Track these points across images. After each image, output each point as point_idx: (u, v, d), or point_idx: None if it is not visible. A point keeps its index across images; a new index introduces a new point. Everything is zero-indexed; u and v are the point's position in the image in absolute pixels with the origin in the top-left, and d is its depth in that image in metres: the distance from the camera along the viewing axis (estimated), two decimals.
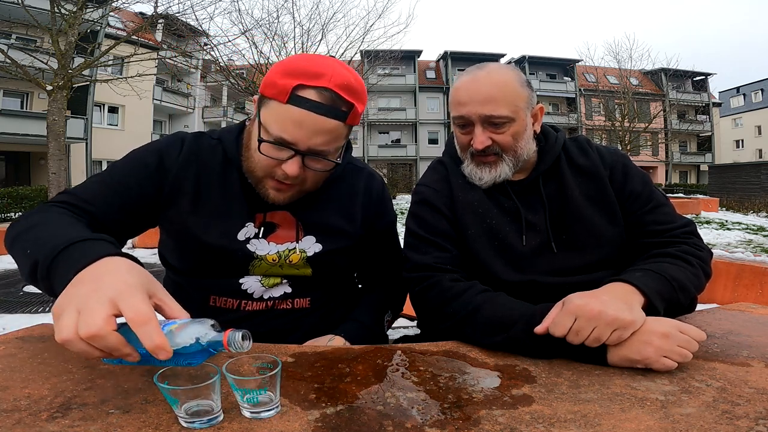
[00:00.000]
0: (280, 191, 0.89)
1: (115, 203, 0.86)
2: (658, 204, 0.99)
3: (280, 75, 0.82)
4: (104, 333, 0.52)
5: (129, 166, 0.91)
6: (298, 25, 14.20)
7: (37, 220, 0.76)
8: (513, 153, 0.96)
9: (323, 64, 0.83)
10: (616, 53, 32.65)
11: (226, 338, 0.54)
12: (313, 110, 0.80)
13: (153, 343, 0.51)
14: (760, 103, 37.39)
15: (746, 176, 18.95)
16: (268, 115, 0.83)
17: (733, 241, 8.64)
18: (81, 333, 0.52)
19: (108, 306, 0.53)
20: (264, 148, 0.83)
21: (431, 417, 0.54)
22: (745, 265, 4.08)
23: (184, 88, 24.45)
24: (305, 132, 0.81)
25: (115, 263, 0.61)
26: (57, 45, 8.83)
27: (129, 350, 0.54)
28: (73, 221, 0.77)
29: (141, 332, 0.52)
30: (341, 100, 0.82)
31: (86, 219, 0.82)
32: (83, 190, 0.87)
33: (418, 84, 32.27)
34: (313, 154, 0.84)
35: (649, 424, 0.52)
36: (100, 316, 0.52)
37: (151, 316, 0.53)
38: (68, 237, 0.66)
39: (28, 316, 3.99)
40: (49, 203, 0.83)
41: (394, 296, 1.10)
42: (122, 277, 0.58)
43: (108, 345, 0.53)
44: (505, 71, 0.95)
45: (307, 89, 0.81)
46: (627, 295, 0.77)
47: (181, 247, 0.93)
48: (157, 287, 0.60)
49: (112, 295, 0.54)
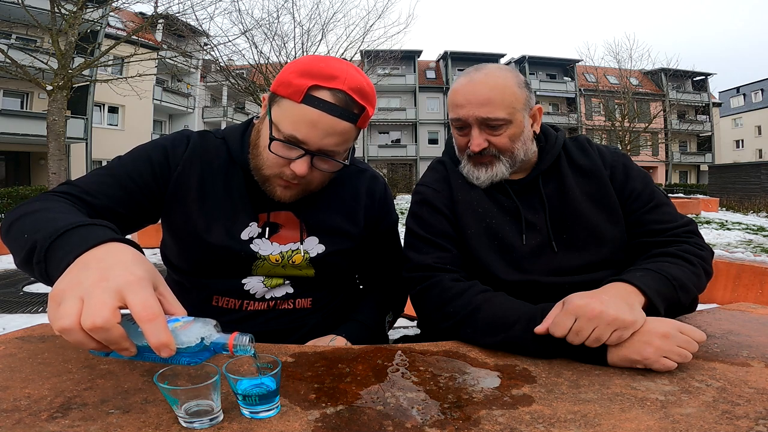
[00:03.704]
0: (287, 189, 0.89)
1: (117, 196, 0.86)
2: (658, 203, 0.99)
3: (296, 75, 0.82)
4: (110, 326, 0.49)
5: (133, 161, 0.90)
6: (298, 25, 14.20)
7: (37, 206, 0.73)
8: (510, 154, 0.96)
9: (337, 67, 0.83)
10: (616, 53, 32.61)
11: (232, 340, 0.53)
12: (328, 111, 0.81)
13: (159, 340, 0.49)
14: (760, 103, 37.39)
15: (746, 176, 18.96)
16: (281, 113, 0.83)
17: (733, 241, 8.64)
18: (85, 323, 0.49)
19: (115, 297, 0.51)
20: (274, 147, 0.84)
21: (431, 417, 0.54)
22: (745, 265, 4.07)
23: (184, 88, 24.44)
24: (318, 132, 0.81)
25: (120, 250, 0.58)
26: (57, 45, 8.83)
27: (128, 344, 0.52)
28: (73, 209, 0.75)
29: (148, 328, 0.50)
30: (354, 102, 0.83)
31: (86, 210, 0.81)
32: (85, 181, 0.86)
33: (418, 84, 32.27)
34: (322, 155, 0.84)
35: (649, 424, 0.52)
36: (107, 308, 0.49)
37: (159, 312, 0.51)
38: (70, 221, 0.64)
39: (28, 316, 3.99)
40: (50, 192, 0.82)
41: (395, 297, 1.10)
42: (129, 267, 0.55)
43: (110, 338, 0.50)
44: (503, 73, 0.95)
45: (322, 90, 0.81)
46: (627, 295, 0.77)
47: (184, 246, 0.93)
48: (159, 280, 0.58)
49: (120, 287, 0.51)
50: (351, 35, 20.12)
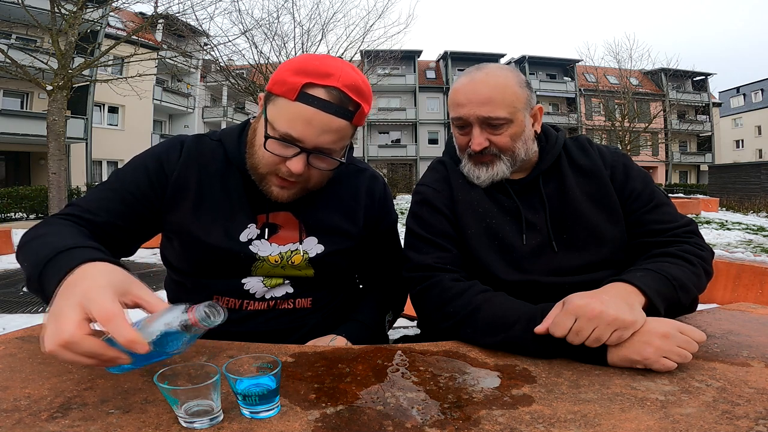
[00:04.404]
0: (283, 188, 0.89)
1: (118, 210, 0.87)
2: (659, 203, 0.99)
3: (290, 73, 0.82)
4: (77, 338, 0.52)
5: (130, 173, 0.92)
6: (298, 25, 14.22)
7: (39, 233, 0.77)
8: (510, 154, 0.96)
9: (332, 64, 0.83)
10: (616, 53, 32.62)
11: (192, 315, 0.54)
12: (322, 108, 0.81)
13: (124, 337, 0.51)
14: (760, 103, 37.39)
15: (746, 176, 18.97)
16: (276, 111, 0.83)
17: (733, 241, 8.65)
18: (55, 341, 0.52)
19: (77, 310, 0.53)
20: (270, 145, 0.84)
21: (431, 417, 0.54)
22: (745, 265, 4.08)
23: (184, 88, 24.45)
24: (313, 130, 0.81)
25: (93, 268, 0.62)
26: (57, 45, 8.83)
27: (114, 353, 0.54)
28: (72, 231, 0.78)
29: (110, 329, 0.52)
30: (349, 99, 0.83)
31: (90, 228, 0.83)
32: (86, 200, 0.88)
33: (418, 84, 32.28)
34: (318, 152, 0.84)
35: (649, 424, 0.52)
36: (71, 322, 0.52)
37: (115, 312, 0.53)
38: (55, 247, 0.67)
39: (28, 316, 3.99)
40: (54, 216, 0.85)
41: (395, 296, 1.10)
42: (94, 280, 0.58)
43: (86, 350, 0.53)
44: (504, 72, 0.95)
45: (317, 88, 0.81)
46: (628, 295, 0.77)
47: (184, 248, 0.93)
48: (132, 285, 0.60)
49: (80, 299, 0.55)
50: (351, 35, 20.12)
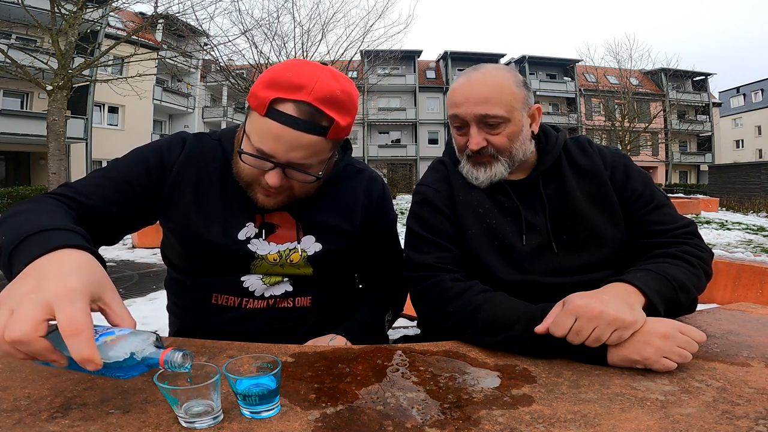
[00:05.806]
0: (268, 197, 0.89)
1: (112, 198, 0.86)
2: (659, 204, 0.99)
3: (262, 86, 0.81)
4: (28, 339, 0.49)
5: (130, 163, 0.91)
6: (298, 25, 14.21)
7: (24, 208, 0.74)
8: (508, 154, 0.96)
9: (307, 75, 0.80)
10: (616, 53, 32.52)
11: (163, 357, 0.51)
12: (290, 125, 0.78)
13: (81, 355, 0.49)
14: (760, 103, 37.39)
15: (746, 176, 18.97)
16: (251, 125, 0.83)
17: (733, 241, 8.65)
18: (6, 336, 0.49)
19: (41, 310, 0.50)
20: (246, 158, 0.84)
21: (431, 417, 0.54)
22: (745, 265, 4.08)
23: (184, 88, 24.45)
24: (282, 146, 0.80)
25: (68, 257, 0.58)
26: (57, 45, 8.84)
27: (55, 356, 0.51)
28: (59, 212, 0.75)
29: (71, 343, 0.49)
30: (321, 114, 0.80)
31: (80, 212, 0.81)
32: (83, 183, 0.87)
33: (418, 84, 32.28)
34: (292, 168, 0.83)
35: (649, 424, 0.52)
36: (29, 321, 0.49)
37: (84, 327, 0.50)
38: (38, 225, 0.63)
39: None
40: (46, 194, 0.83)
41: (394, 296, 1.10)
42: (66, 278, 0.54)
43: (32, 351, 0.50)
44: (501, 72, 0.95)
45: (285, 103, 0.79)
46: (628, 295, 0.77)
47: (184, 245, 0.93)
48: (104, 290, 0.57)
49: (49, 299, 0.51)
50: (351, 35, 20.08)
